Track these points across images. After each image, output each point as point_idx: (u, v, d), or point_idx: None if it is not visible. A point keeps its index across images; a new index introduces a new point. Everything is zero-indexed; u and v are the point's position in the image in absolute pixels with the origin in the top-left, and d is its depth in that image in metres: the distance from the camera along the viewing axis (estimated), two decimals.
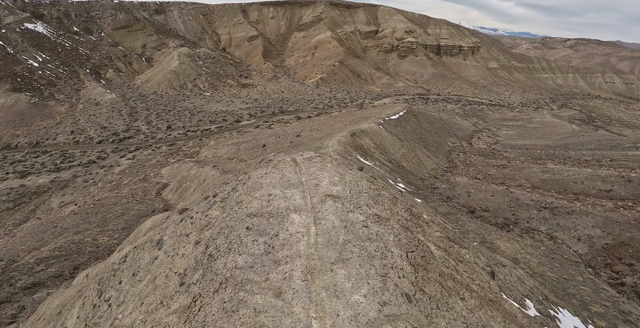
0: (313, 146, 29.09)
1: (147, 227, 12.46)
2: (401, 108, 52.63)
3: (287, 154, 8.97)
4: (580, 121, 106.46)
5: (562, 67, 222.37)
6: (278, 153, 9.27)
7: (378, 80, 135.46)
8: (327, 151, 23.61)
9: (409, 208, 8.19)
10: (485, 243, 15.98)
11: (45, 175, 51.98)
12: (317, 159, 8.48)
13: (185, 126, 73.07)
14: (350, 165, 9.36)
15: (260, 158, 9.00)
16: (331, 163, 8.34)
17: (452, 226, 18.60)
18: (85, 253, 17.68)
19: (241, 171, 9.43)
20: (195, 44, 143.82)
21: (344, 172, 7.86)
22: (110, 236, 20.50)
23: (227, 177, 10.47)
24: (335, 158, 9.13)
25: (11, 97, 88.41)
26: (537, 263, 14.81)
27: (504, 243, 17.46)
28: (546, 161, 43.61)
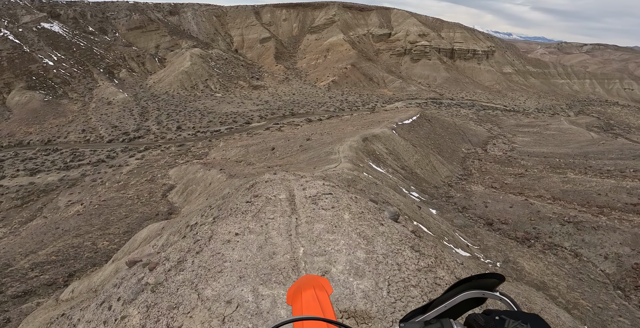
0: (323, 151, 28.07)
1: (142, 237, 11.61)
2: (414, 112, 51.32)
3: (285, 180, 7.90)
4: (599, 129, 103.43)
5: (578, 73, 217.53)
6: (271, 179, 8.36)
7: (390, 84, 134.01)
8: (338, 156, 22.54)
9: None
10: (508, 263, 14.71)
11: (55, 173, 51.98)
12: (327, 200, 6.23)
13: (195, 126, 72.78)
14: (379, 213, 6.70)
15: (247, 185, 8.09)
16: (349, 210, 5.79)
17: (471, 242, 17.36)
18: (82, 259, 16.93)
19: (208, 213, 8.43)
20: (208, 45, 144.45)
21: (371, 233, 5.11)
22: (110, 240, 19.75)
23: (192, 219, 9.18)
24: (354, 198, 7.04)
25: (26, 95, 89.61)
26: (566, 287, 13.50)
27: (528, 261, 16.13)
28: (566, 170, 41.82)
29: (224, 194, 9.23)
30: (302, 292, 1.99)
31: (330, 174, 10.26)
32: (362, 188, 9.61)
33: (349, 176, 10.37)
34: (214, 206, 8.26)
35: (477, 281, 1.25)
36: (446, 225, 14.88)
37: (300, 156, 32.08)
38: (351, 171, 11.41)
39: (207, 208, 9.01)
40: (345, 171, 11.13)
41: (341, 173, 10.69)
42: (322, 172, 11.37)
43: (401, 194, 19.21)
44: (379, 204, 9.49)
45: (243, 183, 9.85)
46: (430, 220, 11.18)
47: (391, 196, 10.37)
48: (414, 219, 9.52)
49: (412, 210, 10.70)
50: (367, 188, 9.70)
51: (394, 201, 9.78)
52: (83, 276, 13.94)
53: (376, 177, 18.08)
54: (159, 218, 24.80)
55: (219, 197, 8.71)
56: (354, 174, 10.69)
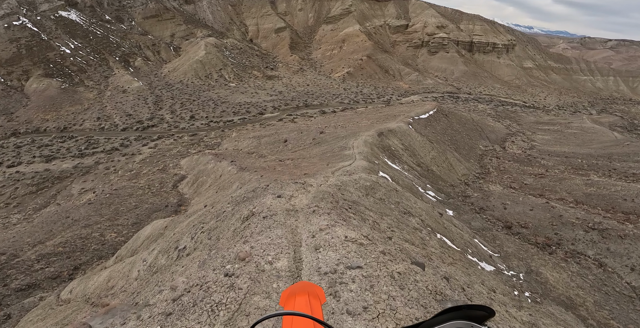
0: (337, 145, 27.27)
1: (145, 235, 11.16)
2: (431, 107, 49.89)
3: (292, 216, 7.00)
4: (622, 129, 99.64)
5: (602, 70, 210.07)
6: (272, 212, 7.63)
7: (406, 76, 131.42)
8: (353, 152, 21.71)
9: None
10: (531, 273, 13.82)
11: (70, 160, 52.52)
12: (355, 284, 3.91)
13: (209, 116, 72.59)
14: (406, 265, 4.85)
15: (243, 213, 7.41)
16: (393, 313, 3.49)
17: (492, 249, 16.47)
18: (89, 251, 16.70)
19: (198, 237, 7.81)
20: (223, 35, 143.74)
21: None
22: (118, 232, 19.51)
23: (182, 239, 8.62)
24: (396, 274, 4.49)
25: (43, 82, 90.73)
26: (593, 303, 12.59)
27: (551, 272, 15.18)
28: (588, 172, 40.15)
29: (219, 212, 8.48)
30: (296, 297, 2.01)
31: (347, 181, 9.46)
32: (382, 197, 8.87)
33: (367, 183, 9.59)
34: (205, 230, 7.61)
35: (466, 312, 1.25)
36: (467, 231, 14.02)
37: (313, 150, 31.35)
38: (368, 175, 10.59)
39: (200, 226, 8.36)
40: (363, 176, 10.29)
41: (358, 180, 9.88)
42: (336, 177, 10.45)
43: (419, 197, 18.35)
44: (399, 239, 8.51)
45: (242, 199, 9.32)
46: (452, 230, 10.38)
47: (412, 204, 9.59)
48: (437, 231, 8.75)
49: (435, 220, 9.89)
50: (387, 196, 8.94)
51: (415, 210, 9.00)
52: (84, 274, 13.61)
53: (393, 177, 17.23)
54: (168, 210, 24.51)
55: (214, 215, 7.94)
56: (372, 180, 9.91)
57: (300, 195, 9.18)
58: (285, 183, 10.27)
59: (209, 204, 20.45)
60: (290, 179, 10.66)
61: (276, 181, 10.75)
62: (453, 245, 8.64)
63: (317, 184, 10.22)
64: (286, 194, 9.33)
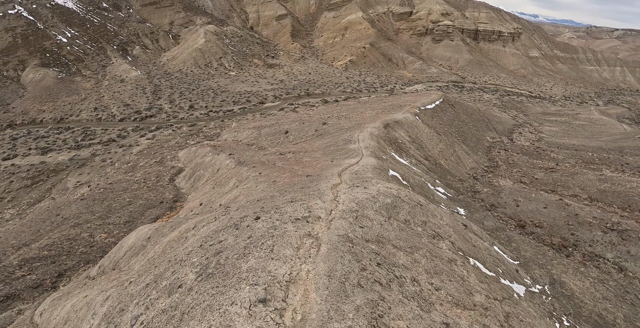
0: (341, 138, 25.90)
1: (128, 245, 10.00)
2: (437, 96, 48.24)
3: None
4: (630, 120, 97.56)
5: (609, 60, 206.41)
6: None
7: (410, 65, 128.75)
8: (358, 146, 20.38)
9: None
10: (555, 285, 12.63)
11: (66, 152, 51.36)
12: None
13: (208, 106, 71.03)
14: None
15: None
16: None
17: (511, 256, 15.26)
18: (75, 255, 15.59)
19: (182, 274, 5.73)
20: (223, 22, 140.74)
21: None
22: (109, 232, 18.40)
23: (165, 275, 6.46)
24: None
25: (39, 72, 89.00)
26: (623, 319, 11.42)
27: (573, 280, 14.01)
28: (600, 166, 38.72)
29: (172, 284, 6.16)
30: None
31: (364, 202, 7.93)
32: (406, 218, 7.52)
33: (387, 200, 8.07)
34: (196, 263, 6.04)
35: None
36: (486, 238, 12.78)
37: (316, 143, 30.02)
38: (387, 188, 8.94)
39: (188, 259, 6.77)
40: (382, 190, 8.70)
41: (377, 197, 8.29)
42: (349, 193, 8.65)
43: (437, 202, 17.06)
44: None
45: (212, 266, 6.13)
46: (479, 245, 9.10)
47: (438, 220, 8.25)
48: (469, 254, 7.51)
49: (462, 237, 8.60)
50: (412, 215, 7.59)
51: (443, 229, 7.71)
52: (67, 282, 12.50)
53: (403, 175, 15.94)
54: (163, 207, 23.37)
55: (165, 289, 5.89)
56: (392, 195, 8.40)
57: (304, 257, 6.31)
58: (283, 225, 7.34)
59: (205, 202, 19.26)
60: (291, 208, 7.96)
61: (268, 213, 8.07)
62: (486, 270, 7.44)
63: (327, 214, 7.86)
64: (283, 255, 6.27)
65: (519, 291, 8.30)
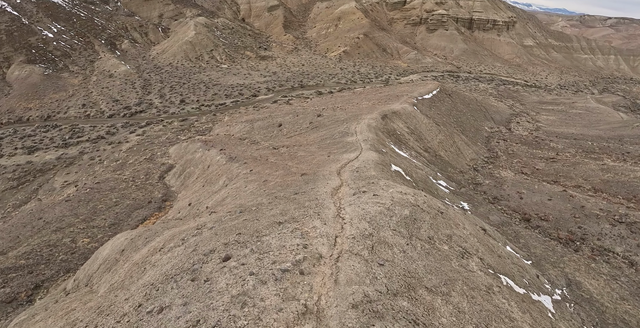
0: (337, 130, 24.77)
1: (103, 257, 8.95)
2: (434, 86, 47.13)
3: None
4: (626, 109, 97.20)
5: (603, 48, 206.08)
6: None
7: (405, 55, 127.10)
8: (356, 139, 19.29)
9: None
10: (572, 287, 11.76)
11: (53, 151, 49.77)
12: None
13: (200, 100, 69.40)
14: None
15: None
16: None
17: (523, 255, 14.37)
18: (55, 263, 14.46)
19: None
20: (214, 14, 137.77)
21: None
22: (92, 236, 17.28)
23: (130, 302, 5.23)
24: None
25: (25, 69, 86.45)
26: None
27: (588, 279, 13.17)
28: (601, 155, 38.02)
29: (186, 268, 4.89)
30: None
31: (377, 217, 6.67)
32: (430, 234, 6.33)
33: (404, 211, 6.90)
34: (164, 290, 4.74)
35: None
36: (500, 238, 11.82)
37: (311, 136, 28.90)
38: (402, 194, 7.34)
39: (123, 319, 5.31)
40: (396, 197, 7.08)
41: (392, 208, 6.73)
42: (356, 206, 7.16)
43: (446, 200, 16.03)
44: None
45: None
46: (501, 252, 8.02)
47: (461, 230, 7.11)
48: (498, 270, 6.49)
49: (487, 247, 7.50)
50: (435, 229, 6.40)
51: (470, 242, 6.62)
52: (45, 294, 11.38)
53: (405, 169, 14.90)
54: (152, 207, 22.22)
55: (137, 315, 4.39)
56: (409, 203, 6.96)
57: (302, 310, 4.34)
58: (260, 291, 4.78)
59: (194, 202, 18.13)
60: (277, 239, 5.99)
61: (243, 248, 5.82)
62: (517, 286, 6.46)
63: (330, 247, 5.89)
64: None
65: (548, 305, 7.35)
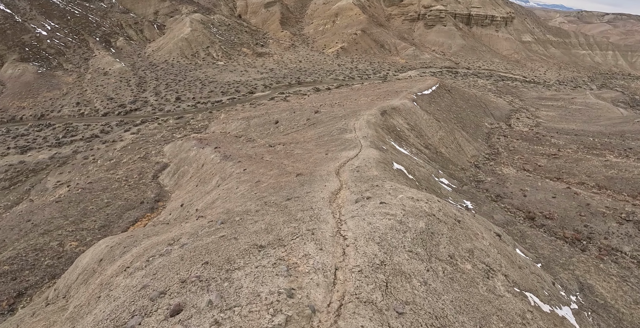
0: (335, 127, 24.06)
1: (82, 266, 8.28)
2: (433, 82, 46.43)
3: None
4: (625, 104, 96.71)
5: (601, 44, 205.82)
6: None
7: (403, 51, 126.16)
8: (355, 136, 18.58)
9: None
10: (584, 292, 11.14)
11: (46, 150, 48.90)
12: None
13: (196, 97, 68.47)
14: None
15: None
16: None
17: (532, 257, 13.76)
18: (41, 268, 13.77)
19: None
20: (210, 11, 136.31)
21: None
22: (81, 239, 16.58)
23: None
24: None
25: (19, 67, 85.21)
26: None
27: (599, 282, 12.56)
28: (603, 151, 37.48)
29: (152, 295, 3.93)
30: None
31: (386, 232, 5.63)
32: (450, 252, 5.28)
33: (420, 224, 5.87)
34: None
35: None
36: (510, 242, 11.16)
37: (308, 133, 28.18)
38: (414, 201, 6.05)
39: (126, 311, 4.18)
40: (408, 205, 5.57)
41: (405, 221, 6.04)
42: (361, 222, 5.88)
43: (445, 196, 15.37)
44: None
45: None
46: (520, 262, 7.26)
47: (482, 242, 6.23)
48: (522, 286, 5.77)
49: (508, 259, 6.63)
50: (455, 244, 5.45)
51: (492, 256, 5.73)
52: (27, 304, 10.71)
53: (408, 167, 14.21)
54: (144, 208, 21.50)
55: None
56: (424, 212, 6.27)
57: None
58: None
59: (186, 202, 17.42)
60: (250, 280, 4.41)
61: (203, 294, 4.33)
62: (542, 303, 5.79)
63: (327, 290, 4.26)
64: None
65: (572, 320, 6.69)
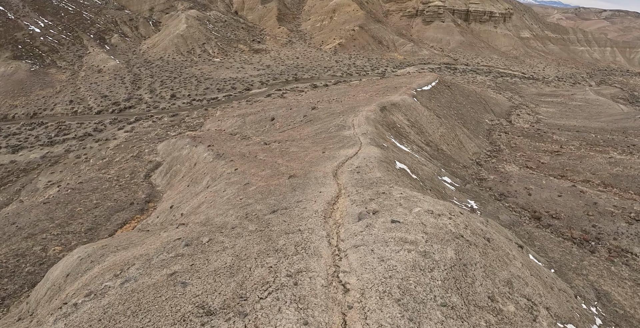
0: (333, 123, 23.19)
1: (53, 278, 7.47)
2: (433, 78, 45.57)
3: None
4: (624, 101, 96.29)
5: (599, 40, 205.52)
6: None
7: (401, 47, 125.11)
8: (354, 132, 17.73)
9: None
10: (602, 299, 10.37)
11: (38, 150, 47.87)
12: None
13: (191, 94, 67.43)
14: None
15: None
16: None
17: (544, 262, 12.99)
18: (20, 276, 12.90)
19: None
20: (206, 7, 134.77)
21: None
22: (66, 243, 15.73)
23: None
24: None
25: (11, 65, 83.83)
26: None
27: (612, 286, 11.81)
28: (606, 148, 36.78)
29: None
30: None
31: (403, 271, 4.31)
32: (489, 290, 4.14)
33: (447, 251, 4.60)
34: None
35: None
36: (525, 248, 10.37)
37: (305, 130, 27.32)
38: (439, 220, 4.83)
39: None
40: (429, 222, 4.48)
41: (427, 248, 4.76)
42: (364, 256, 5.03)
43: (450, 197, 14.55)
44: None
45: None
46: (549, 280, 6.27)
47: (516, 267, 4.87)
48: (563, 317, 4.92)
49: (542, 282, 5.59)
50: (491, 275, 4.08)
51: (531, 284, 4.69)
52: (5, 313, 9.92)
53: (410, 166, 13.39)
54: (133, 209, 20.62)
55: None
56: (450, 232, 5.13)
57: None
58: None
59: (176, 204, 16.56)
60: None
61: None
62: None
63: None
64: None
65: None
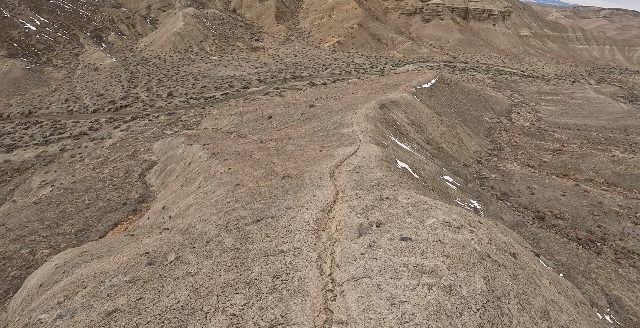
0: (331, 121, 22.64)
1: (30, 287, 6.96)
2: (432, 75, 45.03)
3: None
4: (624, 99, 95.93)
5: (598, 38, 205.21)
6: None
7: (400, 45, 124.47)
8: (353, 130, 17.18)
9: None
10: (614, 305, 9.90)
11: (33, 149, 47.19)
12: None
13: (188, 92, 66.76)
14: None
15: None
16: None
17: (553, 267, 12.51)
18: (5, 281, 12.35)
19: None
20: (203, 5, 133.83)
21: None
22: (55, 245, 15.20)
23: None
24: None
25: (6, 63, 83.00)
26: None
27: (622, 290, 11.33)
28: (608, 146, 36.38)
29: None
30: None
31: (424, 322, 3.25)
32: (526, 326, 3.54)
33: (477, 282, 3.81)
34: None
35: None
36: (548, 263, 9.88)
37: (302, 128, 26.76)
38: (460, 236, 3.92)
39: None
40: (448, 238, 4.55)
41: (453, 282, 3.87)
42: (362, 266, 4.36)
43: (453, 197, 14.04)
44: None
45: None
46: (566, 290, 5.80)
47: (547, 287, 4.09)
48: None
49: (573, 303, 5.05)
50: (526, 304, 2.95)
51: (565, 309, 4.03)
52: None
53: (412, 165, 12.86)
54: (126, 210, 20.06)
55: None
56: (474, 250, 4.35)
57: None
58: None
59: (168, 205, 16.01)
60: None
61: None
62: None
63: None
64: None
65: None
